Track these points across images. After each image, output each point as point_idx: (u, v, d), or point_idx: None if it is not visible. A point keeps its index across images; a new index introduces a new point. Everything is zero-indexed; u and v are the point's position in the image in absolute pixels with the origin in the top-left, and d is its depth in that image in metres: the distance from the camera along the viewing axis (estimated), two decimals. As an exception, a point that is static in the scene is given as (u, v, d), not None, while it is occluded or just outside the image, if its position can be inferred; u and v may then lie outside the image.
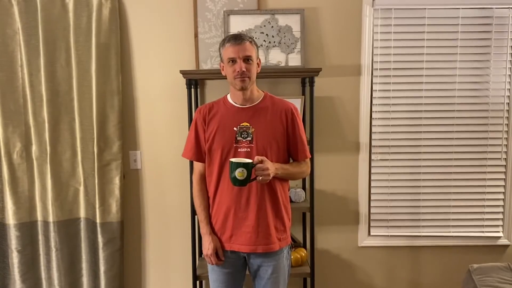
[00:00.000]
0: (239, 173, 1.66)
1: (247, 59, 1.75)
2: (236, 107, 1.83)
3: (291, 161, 1.92)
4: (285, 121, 1.82)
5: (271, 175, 1.70)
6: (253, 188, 1.77)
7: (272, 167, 1.71)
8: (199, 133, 1.87)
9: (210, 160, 1.84)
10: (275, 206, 1.82)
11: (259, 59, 1.84)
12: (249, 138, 1.77)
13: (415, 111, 2.59)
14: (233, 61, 1.75)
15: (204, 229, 1.88)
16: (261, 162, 1.68)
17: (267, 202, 1.79)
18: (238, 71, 1.74)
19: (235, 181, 1.68)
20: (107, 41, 2.44)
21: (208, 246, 1.83)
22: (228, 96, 1.88)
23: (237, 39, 1.75)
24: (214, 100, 1.94)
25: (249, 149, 1.77)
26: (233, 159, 1.69)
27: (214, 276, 1.89)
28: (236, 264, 1.87)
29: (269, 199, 1.80)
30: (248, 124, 1.78)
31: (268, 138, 1.78)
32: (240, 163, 1.66)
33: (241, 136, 1.78)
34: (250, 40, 1.77)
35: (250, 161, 1.68)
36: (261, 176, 1.68)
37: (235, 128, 1.79)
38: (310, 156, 1.94)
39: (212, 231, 1.87)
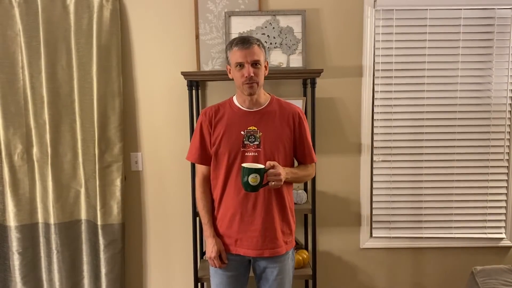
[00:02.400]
0: (252, 179, 1.63)
1: (255, 64, 1.71)
2: (243, 110, 1.80)
3: (296, 164, 1.91)
4: (292, 125, 1.80)
5: (283, 180, 1.68)
6: (260, 192, 1.74)
7: (283, 172, 1.69)
8: (204, 136, 1.83)
9: (216, 164, 1.82)
10: (282, 210, 1.80)
11: (267, 62, 1.81)
12: (256, 142, 1.75)
13: (417, 112, 2.58)
14: (241, 65, 1.71)
15: (207, 232, 1.85)
16: (273, 167, 1.66)
17: (274, 206, 1.78)
18: (246, 76, 1.70)
19: (247, 186, 1.65)
20: (108, 42, 2.43)
21: (211, 249, 1.81)
22: (234, 98, 1.85)
23: (245, 42, 1.70)
24: (218, 101, 1.92)
25: (256, 153, 1.75)
26: (245, 165, 1.67)
27: (217, 280, 1.87)
28: (240, 268, 1.86)
29: (276, 203, 1.78)
30: (256, 128, 1.76)
31: (276, 142, 1.76)
32: (253, 168, 1.64)
33: (248, 140, 1.75)
34: (258, 43, 1.73)
35: (262, 166, 1.67)
36: (273, 181, 1.66)
37: (242, 132, 1.76)
38: (316, 160, 1.92)
39: (217, 233, 1.85)
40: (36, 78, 2.46)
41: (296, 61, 2.46)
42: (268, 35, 2.46)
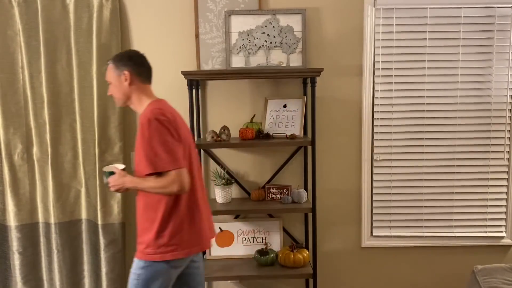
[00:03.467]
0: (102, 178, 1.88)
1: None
2: None
3: None
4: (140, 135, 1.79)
5: (114, 189, 1.83)
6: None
7: (118, 180, 1.82)
8: None
9: None
10: (139, 217, 1.90)
11: (125, 73, 1.83)
12: None
13: (417, 111, 2.58)
14: None
15: None
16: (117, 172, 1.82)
17: (137, 213, 1.91)
18: None
19: None
20: (108, 42, 2.43)
21: None
22: None
23: None
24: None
25: None
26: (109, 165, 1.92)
27: None
28: None
29: (138, 209, 1.91)
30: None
31: (137, 150, 1.82)
32: (105, 171, 1.86)
33: None
34: (108, 64, 1.89)
35: (114, 170, 1.83)
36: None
37: None
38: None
39: None
40: (36, 78, 2.46)
41: (296, 60, 2.46)
42: (268, 34, 2.45)
